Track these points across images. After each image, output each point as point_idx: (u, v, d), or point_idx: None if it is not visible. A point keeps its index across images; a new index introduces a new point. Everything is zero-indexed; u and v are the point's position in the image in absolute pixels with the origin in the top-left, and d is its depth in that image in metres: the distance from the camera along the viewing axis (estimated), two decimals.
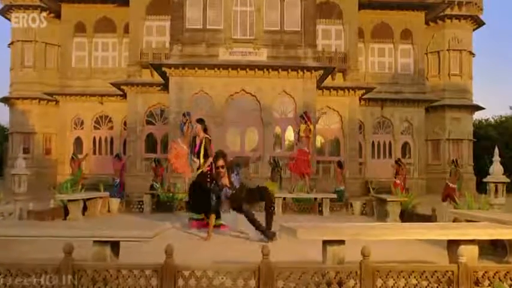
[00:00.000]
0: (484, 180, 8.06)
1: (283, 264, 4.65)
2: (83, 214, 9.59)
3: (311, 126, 11.63)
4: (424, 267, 3.75)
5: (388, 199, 9.47)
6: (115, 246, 3.73)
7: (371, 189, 11.67)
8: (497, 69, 79.67)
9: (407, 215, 9.23)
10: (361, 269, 3.54)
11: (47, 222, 7.54)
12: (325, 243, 3.85)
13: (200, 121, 9.36)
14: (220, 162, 7.35)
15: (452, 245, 4.11)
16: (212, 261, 5.23)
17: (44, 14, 27.05)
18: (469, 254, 3.83)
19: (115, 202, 11.03)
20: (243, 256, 5.69)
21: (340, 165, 16.28)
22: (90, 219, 9.53)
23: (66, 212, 9.26)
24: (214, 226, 7.76)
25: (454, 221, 6.92)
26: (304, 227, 4.02)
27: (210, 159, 8.38)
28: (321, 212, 11.12)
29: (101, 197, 10.51)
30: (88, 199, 9.81)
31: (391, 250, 5.16)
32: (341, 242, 3.82)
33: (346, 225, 4.48)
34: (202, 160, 8.50)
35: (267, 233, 7.12)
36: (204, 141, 8.86)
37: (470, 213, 6.05)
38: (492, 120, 36.53)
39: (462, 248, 3.86)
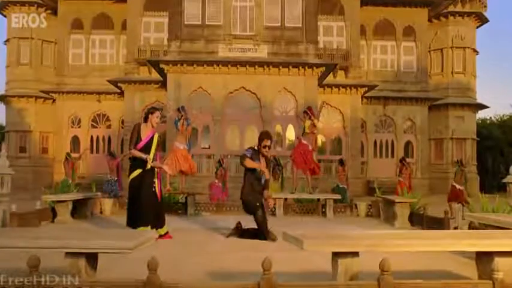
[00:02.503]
0: (504, 180, 7.53)
1: (286, 277, 4.14)
2: (73, 216, 9.09)
3: (315, 121, 11.04)
4: (452, 284, 3.24)
5: (396, 200, 8.96)
6: (91, 258, 3.23)
7: (377, 190, 11.13)
8: (500, 67, 78.97)
9: (417, 218, 8.72)
10: (380, 286, 3.03)
11: (19, 228, 7.02)
12: (336, 254, 3.33)
13: (155, 109, 7.07)
14: (267, 142, 6.90)
15: (483, 257, 3.58)
16: (206, 272, 4.73)
17: (42, 11, 26.86)
18: (505, 268, 3.33)
19: (108, 203, 10.52)
20: (242, 265, 5.19)
21: (341, 163, 15.76)
22: (80, 221, 9.02)
23: (55, 214, 8.78)
24: (159, 236, 6.51)
25: (469, 225, 6.44)
26: (311, 236, 3.49)
27: (157, 163, 6.97)
28: (324, 214, 10.62)
29: (92, 198, 10.01)
30: (78, 200, 9.31)
31: (406, 258, 4.66)
32: (355, 254, 3.31)
33: (360, 233, 3.96)
34: (151, 157, 6.76)
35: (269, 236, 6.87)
36: (156, 137, 6.95)
37: (490, 217, 5.55)
38: (494, 119, 35.98)
39: (498, 261, 3.36)
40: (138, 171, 6.73)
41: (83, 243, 3.12)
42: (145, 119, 6.92)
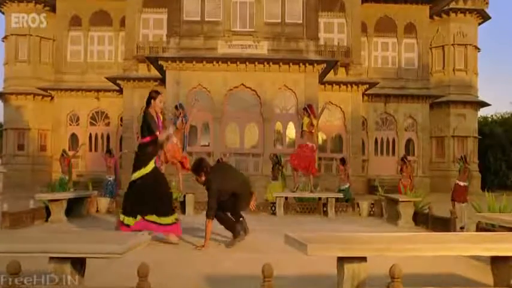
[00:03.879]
0: None
1: (288, 281, 3.93)
2: (68, 215, 8.86)
3: (314, 121, 10.79)
4: None
5: (400, 199, 8.74)
6: (78, 262, 3.00)
7: (379, 189, 10.90)
8: (502, 65, 78.52)
9: (421, 218, 8.50)
10: None
11: (9, 229, 6.79)
12: (342, 259, 3.10)
13: (157, 93, 6.55)
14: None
15: (499, 262, 3.35)
16: (202, 275, 4.49)
17: (40, 8, 26.64)
18: None
19: (104, 201, 10.30)
20: (242, 268, 4.97)
21: (343, 161, 15.46)
22: (75, 220, 8.79)
23: (49, 213, 8.55)
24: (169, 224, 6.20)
25: (477, 226, 6.22)
26: (315, 240, 3.26)
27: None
28: (325, 213, 10.39)
29: (88, 196, 9.78)
30: (73, 199, 9.07)
31: (412, 260, 4.42)
32: (362, 259, 3.08)
33: (368, 236, 3.73)
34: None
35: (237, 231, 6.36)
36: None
37: (501, 217, 5.31)
38: (495, 117, 35.72)
39: None
40: (151, 165, 6.29)
41: (68, 247, 2.88)
42: (148, 103, 6.45)
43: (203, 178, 6.29)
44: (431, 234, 5.16)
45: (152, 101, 6.38)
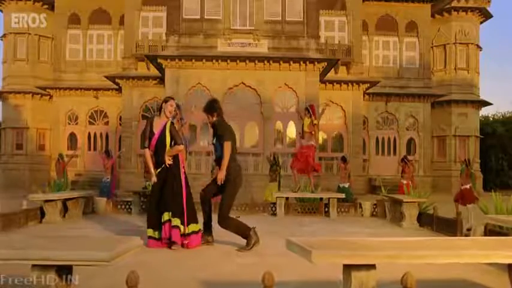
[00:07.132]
0: None
1: None
2: (64, 216, 8.65)
3: (316, 121, 10.62)
4: None
5: (405, 200, 8.52)
6: (64, 270, 2.77)
7: (382, 189, 10.69)
8: (504, 64, 78.10)
9: (426, 219, 8.29)
10: None
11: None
12: (349, 266, 2.89)
13: (169, 98, 6.56)
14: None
15: None
16: (198, 281, 4.27)
17: (39, 6, 26.45)
18: None
19: (101, 202, 10.09)
20: (240, 272, 4.74)
21: (344, 160, 15.24)
22: (70, 221, 8.57)
23: (44, 214, 8.32)
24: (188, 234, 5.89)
25: (485, 227, 6.01)
26: (320, 246, 3.04)
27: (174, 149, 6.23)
28: (327, 213, 10.18)
29: (84, 197, 9.55)
30: (68, 199, 8.85)
31: (424, 265, 4.21)
32: (371, 266, 2.86)
33: (377, 241, 3.51)
34: (168, 148, 6.24)
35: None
36: (168, 124, 6.37)
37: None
38: (497, 117, 35.49)
39: None
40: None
41: (51, 254, 2.65)
42: (160, 111, 6.40)
43: (214, 119, 6.46)
44: (444, 239, 4.94)
45: (163, 104, 6.38)
